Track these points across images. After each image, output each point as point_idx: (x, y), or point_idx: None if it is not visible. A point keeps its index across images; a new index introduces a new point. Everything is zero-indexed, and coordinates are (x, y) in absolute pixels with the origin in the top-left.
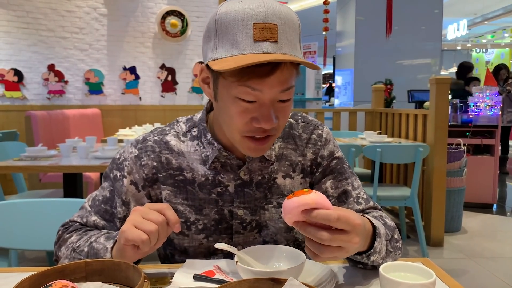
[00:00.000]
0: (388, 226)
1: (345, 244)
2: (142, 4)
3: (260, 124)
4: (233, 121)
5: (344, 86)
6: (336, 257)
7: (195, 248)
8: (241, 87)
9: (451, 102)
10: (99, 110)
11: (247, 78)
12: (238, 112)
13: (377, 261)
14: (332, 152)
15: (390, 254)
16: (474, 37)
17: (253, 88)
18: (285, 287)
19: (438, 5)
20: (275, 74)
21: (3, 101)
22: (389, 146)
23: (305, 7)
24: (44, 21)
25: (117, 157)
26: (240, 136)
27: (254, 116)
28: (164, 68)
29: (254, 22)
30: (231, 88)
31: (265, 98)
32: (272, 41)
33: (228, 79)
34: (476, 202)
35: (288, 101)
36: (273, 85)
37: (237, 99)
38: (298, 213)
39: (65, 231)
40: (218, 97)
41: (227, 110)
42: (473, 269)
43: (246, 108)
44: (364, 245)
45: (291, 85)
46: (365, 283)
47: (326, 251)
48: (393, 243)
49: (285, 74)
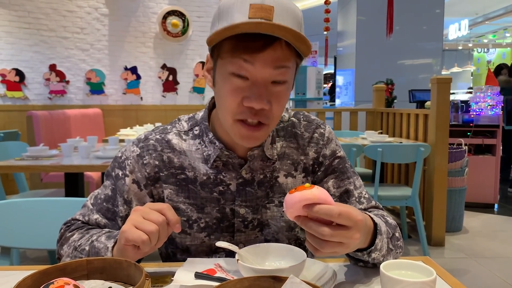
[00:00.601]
0: (390, 224)
1: (346, 239)
2: (143, 4)
3: (251, 102)
4: (226, 102)
5: (345, 86)
6: (337, 252)
7: (197, 247)
8: (235, 59)
9: (453, 102)
10: (100, 110)
11: (240, 52)
12: (230, 91)
13: (378, 258)
14: (334, 152)
15: (391, 252)
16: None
17: (245, 60)
18: (286, 285)
19: (439, 4)
20: (267, 50)
21: (5, 101)
22: (390, 146)
23: (306, 6)
24: (45, 21)
25: (119, 156)
26: (232, 120)
27: (246, 95)
28: (165, 68)
29: (251, 2)
30: (226, 65)
31: (257, 75)
32: (267, 19)
33: (224, 57)
34: (477, 202)
35: (283, 84)
36: (266, 62)
37: (230, 76)
38: (299, 208)
39: (67, 229)
40: (216, 80)
41: (221, 91)
42: (474, 269)
43: (238, 86)
44: (365, 242)
45: (285, 64)
46: (366, 281)
47: (327, 246)
48: (394, 241)
49: (278, 52)
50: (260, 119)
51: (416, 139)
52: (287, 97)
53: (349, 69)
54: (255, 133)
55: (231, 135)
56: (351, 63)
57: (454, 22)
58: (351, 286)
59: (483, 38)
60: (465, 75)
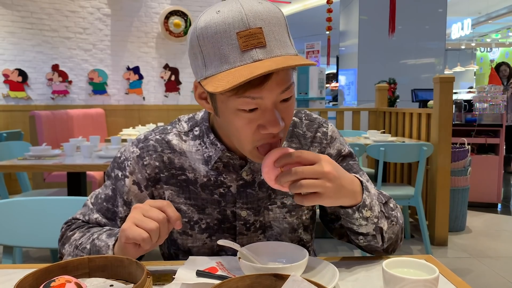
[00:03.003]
0: (383, 195)
1: (319, 175)
2: (145, 4)
3: (268, 130)
4: (241, 134)
5: (347, 85)
6: (320, 195)
7: (199, 248)
8: (240, 99)
9: (456, 101)
10: (102, 110)
11: (244, 90)
12: (243, 125)
13: (371, 219)
14: (340, 151)
15: (387, 220)
16: (479, 36)
17: (253, 98)
18: (288, 282)
19: (442, 4)
20: (271, 79)
21: (8, 101)
22: (393, 145)
23: (308, 6)
24: (48, 21)
25: (118, 156)
26: (252, 147)
27: (260, 124)
28: (167, 68)
29: (237, 31)
30: (230, 101)
31: (266, 103)
32: (261, 46)
33: (225, 94)
34: (481, 202)
35: (290, 99)
36: (272, 89)
37: (238, 111)
38: (271, 165)
39: (68, 228)
40: (219, 112)
41: (232, 124)
42: (478, 269)
43: (250, 118)
44: (352, 199)
45: (289, 83)
46: (368, 279)
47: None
48: (388, 210)
49: (281, 75)
50: (280, 135)
51: (418, 139)
52: (294, 104)
53: (351, 68)
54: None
55: (250, 157)
56: (354, 62)
57: (457, 22)
58: (353, 284)
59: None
60: (468, 75)
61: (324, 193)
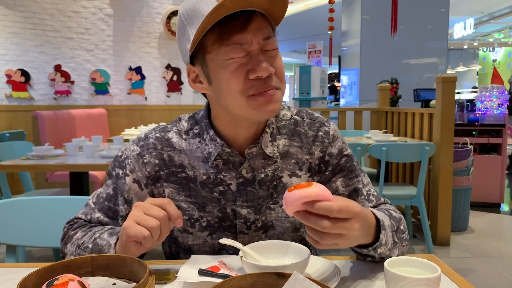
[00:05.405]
0: (394, 218)
1: (346, 231)
2: (147, 4)
3: (257, 72)
4: (232, 86)
5: (349, 85)
6: (337, 244)
7: (199, 246)
8: (228, 47)
9: (458, 101)
10: (105, 110)
11: (229, 35)
12: (233, 71)
13: (385, 253)
14: (341, 150)
15: (397, 245)
16: (481, 36)
17: (240, 44)
18: (290, 281)
19: (444, 3)
20: (252, 23)
21: (11, 102)
22: (395, 145)
23: (310, 6)
24: (50, 22)
25: (119, 155)
26: (245, 98)
27: (249, 69)
28: (169, 68)
29: None
30: (220, 54)
31: (252, 47)
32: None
33: (212, 50)
34: (483, 202)
35: (276, 52)
36: (255, 32)
37: (228, 60)
38: (299, 205)
39: (70, 228)
40: (211, 77)
41: (222, 80)
42: (480, 269)
43: (239, 63)
44: (368, 236)
45: (269, 34)
46: (370, 278)
47: (327, 238)
48: (399, 234)
49: (260, 22)
50: (272, 84)
51: (421, 138)
52: (282, 63)
53: (353, 68)
54: (273, 97)
55: (248, 115)
56: (356, 62)
57: (459, 21)
58: (355, 283)
59: (488, 37)
60: (471, 74)
61: (342, 244)
